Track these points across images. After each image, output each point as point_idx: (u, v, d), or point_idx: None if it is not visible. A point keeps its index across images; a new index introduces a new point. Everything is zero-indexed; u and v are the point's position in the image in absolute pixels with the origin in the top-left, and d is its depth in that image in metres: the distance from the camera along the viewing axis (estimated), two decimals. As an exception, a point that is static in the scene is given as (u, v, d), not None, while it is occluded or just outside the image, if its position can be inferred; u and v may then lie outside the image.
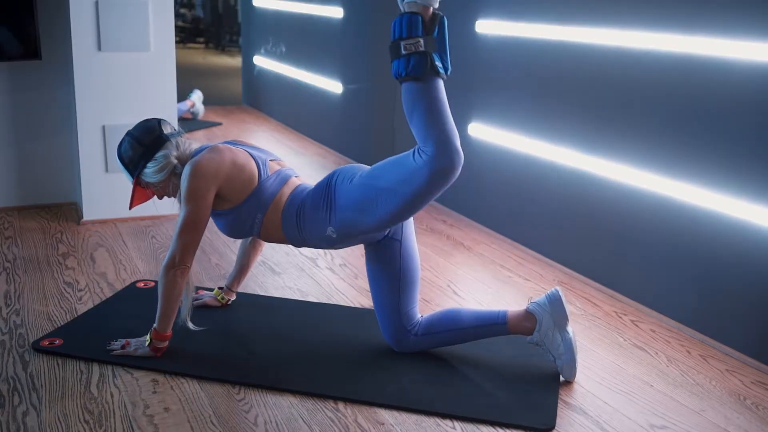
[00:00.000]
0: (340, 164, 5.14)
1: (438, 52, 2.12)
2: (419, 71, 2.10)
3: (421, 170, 2.13)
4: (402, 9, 2.13)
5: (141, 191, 2.49)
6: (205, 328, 2.56)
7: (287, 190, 2.44)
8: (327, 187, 2.35)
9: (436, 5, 2.12)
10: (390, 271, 2.41)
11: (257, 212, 2.40)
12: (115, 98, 3.72)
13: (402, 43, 2.10)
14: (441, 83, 2.15)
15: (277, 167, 2.50)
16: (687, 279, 2.74)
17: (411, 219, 2.46)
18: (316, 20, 5.64)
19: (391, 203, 2.20)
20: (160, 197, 2.51)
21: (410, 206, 2.20)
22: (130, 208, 2.48)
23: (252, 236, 2.48)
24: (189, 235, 2.32)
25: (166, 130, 2.45)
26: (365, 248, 2.47)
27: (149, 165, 2.41)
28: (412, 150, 2.18)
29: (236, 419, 2.11)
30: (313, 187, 2.43)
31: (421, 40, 2.10)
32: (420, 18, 2.09)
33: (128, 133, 2.46)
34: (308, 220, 2.36)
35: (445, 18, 2.14)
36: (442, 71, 2.13)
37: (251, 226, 2.43)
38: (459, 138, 2.16)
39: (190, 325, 2.47)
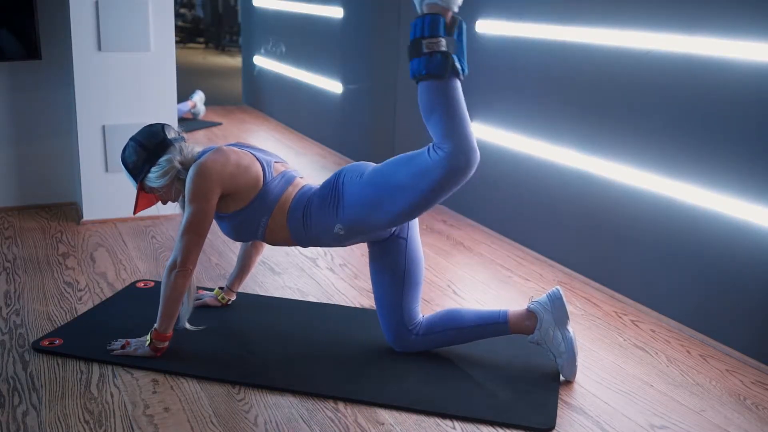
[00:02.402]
0: (340, 164, 5.14)
1: (457, 54, 2.15)
2: (441, 70, 2.12)
3: (437, 167, 2.15)
4: (420, 10, 2.16)
5: (145, 196, 2.49)
6: (204, 328, 2.56)
7: (293, 191, 2.44)
8: (335, 184, 2.35)
9: (456, 9, 2.14)
10: (394, 270, 2.41)
11: (262, 215, 2.40)
12: (115, 98, 3.72)
13: (424, 42, 2.12)
14: (459, 84, 2.17)
15: (282, 169, 2.50)
16: (687, 279, 2.74)
17: (416, 219, 2.46)
18: (316, 20, 5.64)
19: (404, 199, 2.21)
20: (164, 202, 2.51)
21: (422, 203, 2.22)
22: (135, 213, 2.49)
23: (256, 239, 2.48)
24: (192, 236, 2.32)
25: (170, 134, 2.45)
26: (369, 246, 2.47)
27: (153, 170, 2.41)
28: (426, 147, 2.20)
29: (236, 419, 2.11)
30: (319, 186, 2.43)
31: (443, 40, 2.13)
32: (442, 18, 2.13)
33: (132, 138, 2.46)
34: (315, 218, 2.36)
35: (464, 22, 2.18)
36: (461, 71, 2.15)
37: (256, 229, 2.42)
38: (474, 142, 2.19)
39: (189, 327, 2.47)
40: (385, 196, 2.23)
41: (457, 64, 2.14)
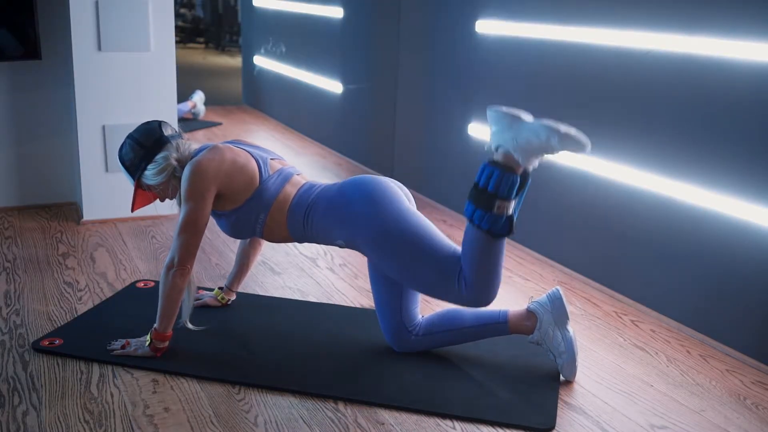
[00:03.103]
0: (340, 164, 5.15)
1: (515, 209, 2.21)
2: (503, 233, 2.18)
3: (452, 293, 2.26)
4: (494, 154, 2.17)
5: (142, 194, 2.49)
6: (205, 328, 2.56)
7: (292, 189, 2.44)
8: (345, 206, 2.33)
9: (531, 169, 2.17)
10: None
11: (260, 211, 2.40)
12: (115, 98, 3.72)
13: (497, 201, 2.14)
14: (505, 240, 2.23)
15: (279, 166, 2.50)
16: (687, 279, 2.74)
17: None
18: (316, 20, 5.64)
19: (406, 277, 2.30)
20: (162, 200, 2.51)
21: (419, 290, 2.36)
22: (132, 211, 2.48)
23: (255, 236, 2.48)
24: (188, 235, 2.32)
25: (167, 132, 2.45)
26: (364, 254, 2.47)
27: (149, 167, 2.41)
28: (457, 270, 2.23)
29: (236, 419, 2.11)
30: (324, 189, 2.42)
31: (513, 203, 2.17)
32: (518, 179, 2.15)
33: (129, 136, 2.46)
34: (318, 223, 2.36)
35: (530, 179, 2.20)
36: (513, 230, 2.20)
37: (254, 226, 2.43)
38: (498, 287, 2.27)
39: (190, 326, 2.47)
40: (396, 262, 2.29)
41: (515, 224, 2.19)
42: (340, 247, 2.40)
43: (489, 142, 2.21)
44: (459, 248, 2.26)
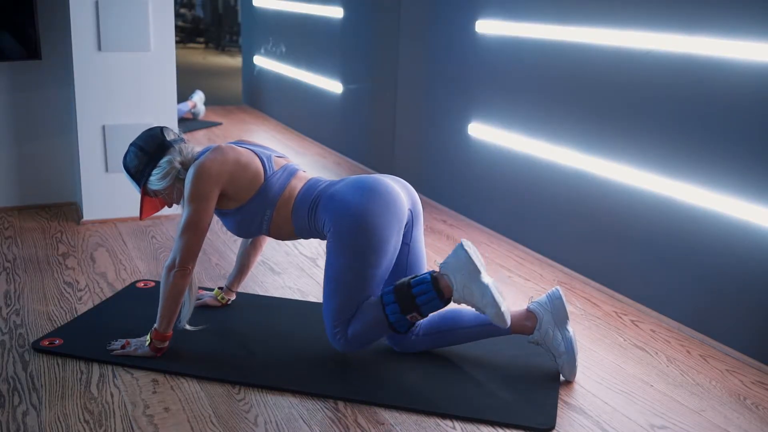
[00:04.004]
0: (340, 164, 5.15)
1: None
2: (402, 331, 2.35)
3: (331, 329, 2.38)
4: (438, 274, 2.29)
5: (150, 201, 2.50)
6: (204, 328, 2.56)
7: (298, 183, 2.44)
8: (341, 204, 2.33)
9: (455, 303, 2.31)
10: (396, 273, 2.41)
11: (266, 208, 2.40)
12: (115, 98, 3.72)
13: (414, 313, 2.29)
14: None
15: (284, 162, 2.50)
16: (687, 279, 2.74)
17: (420, 221, 2.46)
18: (316, 20, 5.64)
19: (325, 288, 2.38)
20: (170, 205, 2.52)
21: (324, 304, 2.42)
22: (141, 219, 2.50)
23: (261, 234, 2.49)
24: (190, 235, 2.32)
25: (169, 136, 2.46)
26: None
27: (154, 172, 2.42)
28: (346, 322, 2.35)
29: (236, 419, 2.11)
30: (330, 183, 2.42)
31: (422, 318, 2.33)
32: (442, 306, 2.31)
33: (132, 144, 2.47)
34: (320, 219, 2.38)
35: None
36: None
37: (260, 224, 2.43)
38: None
39: (188, 327, 2.47)
40: (328, 270, 2.36)
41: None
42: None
43: (442, 263, 2.34)
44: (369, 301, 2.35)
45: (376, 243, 2.28)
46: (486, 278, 2.27)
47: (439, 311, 2.47)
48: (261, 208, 2.41)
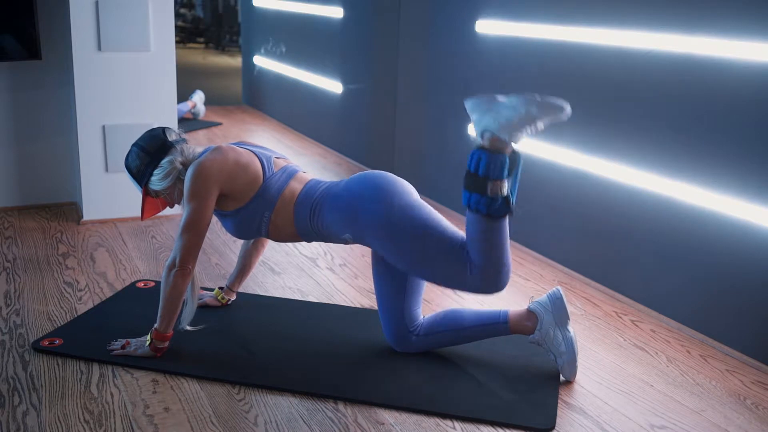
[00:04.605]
0: (340, 164, 5.15)
1: (512, 189, 2.21)
2: (501, 213, 2.19)
3: (469, 283, 2.26)
4: (480, 140, 2.18)
5: (151, 201, 2.50)
6: (204, 328, 2.56)
7: (297, 185, 2.44)
8: (352, 201, 2.33)
9: (518, 143, 2.16)
10: (396, 273, 2.41)
11: (265, 210, 2.40)
12: (115, 98, 3.72)
13: (489, 183, 2.15)
14: (508, 220, 2.23)
15: (283, 164, 2.51)
16: (687, 279, 2.74)
17: None
18: (316, 20, 5.64)
19: (419, 270, 2.31)
20: (171, 206, 2.52)
21: (433, 281, 2.34)
22: (143, 219, 2.50)
23: (260, 236, 2.49)
24: (190, 235, 2.32)
25: (171, 137, 2.47)
26: (372, 249, 2.47)
27: (155, 172, 2.43)
28: (463, 262, 2.24)
29: (236, 419, 2.11)
30: (331, 185, 2.42)
31: (506, 183, 2.17)
32: (507, 159, 2.15)
33: (134, 144, 2.48)
34: (324, 219, 2.36)
35: (521, 157, 2.21)
36: (513, 209, 2.20)
37: (259, 225, 2.43)
38: (510, 270, 2.28)
39: (188, 327, 2.47)
40: (407, 254, 2.29)
41: (513, 203, 2.19)
42: (347, 242, 2.39)
43: (474, 133, 2.23)
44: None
45: (408, 209, 2.29)
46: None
47: (439, 313, 2.48)
48: (260, 210, 2.41)
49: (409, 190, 2.38)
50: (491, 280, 2.25)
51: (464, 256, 2.25)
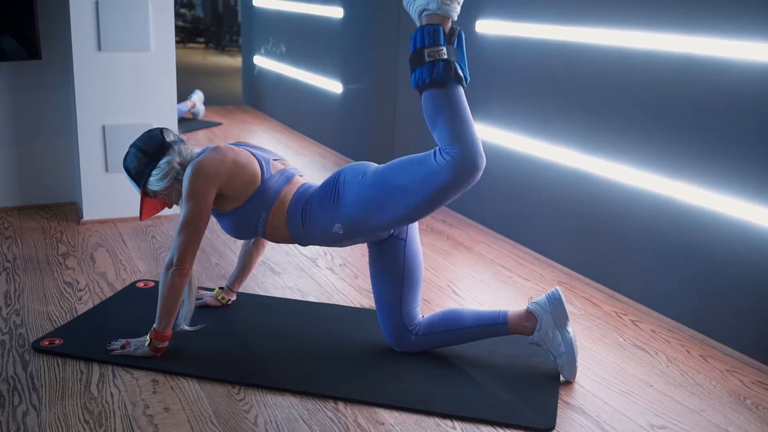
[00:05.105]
0: (340, 164, 5.15)
1: (458, 61, 2.18)
2: (445, 77, 2.14)
3: (444, 171, 2.16)
4: (419, 23, 2.19)
5: (150, 202, 2.51)
6: (204, 328, 2.56)
7: (292, 189, 2.44)
8: (335, 183, 2.35)
9: (455, 17, 2.17)
10: (393, 271, 2.41)
11: (261, 211, 2.40)
12: (115, 98, 3.72)
13: (426, 51, 2.14)
14: (462, 90, 2.19)
15: (281, 166, 2.51)
16: (687, 279, 2.74)
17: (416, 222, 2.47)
18: (316, 20, 5.64)
19: (406, 202, 2.22)
20: (170, 206, 2.53)
21: (425, 207, 2.22)
22: (141, 219, 2.50)
23: (257, 237, 2.49)
24: (188, 234, 2.32)
25: (169, 137, 2.47)
26: (369, 247, 2.47)
27: (153, 173, 2.43)
28: (432, 151, 2.21)
29: (236, 419, 2.11)
30: (319, 185, 2.43)
31: (444, 49, 2.15)
32: (441, 28, 2.15)
33: (132, 145, 2.49)
34: (314, 217, 2.36)
35: (462, 31, 2.21)
36: (464, 79, 2.18)
37: (256, 226, 2.43)
38: (480, 146, 2.19)
39: (187, 328, 2.47)
40: (387, 198, 2.24)
41: (460, 71, 2.17)
42: (338, 242, 2.38)
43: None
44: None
45: (384, 165, 2.32)
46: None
47: (438, 312, 2.48)
48: (257, 211, 2.41)
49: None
50: (464, 159, 2.14)
51: (430, 155, 2.20)
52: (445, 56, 2.15)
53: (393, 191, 2.23)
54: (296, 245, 3.52)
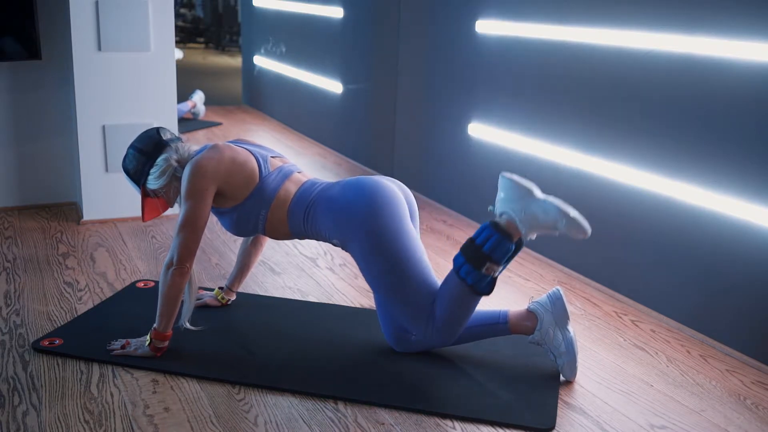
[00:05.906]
0: (340, 164, 5.15)
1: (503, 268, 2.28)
2: (484, 291, 2.27)
3: (419, 326, 2.34)
4: (497, 218, 2.25)
5: (151, 202, 2.51)
6: (204, 328, 2.56)
7: (292, 186, 2.44)
8: (345, 210, 2.33)
9: (528, 239, 2.22)
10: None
11: (260, 208, 2.41)
12: (115, 98, 3.72)
13: (487, 263, 2.22)
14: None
15: (279, 164, 2.51)
16: (687, 279, 2.74)
17: (417, 221, 2.47)
18: (316, 20, 5.64)
19: (382, 296, 2.35)
20: (171, 205, 2.53)
21: (389, 311, 2.40)
22: (144, 221, 2.51)
23: (257, 233, 2.50)
24: (187, 233, 2.32)
25: (165, 136, 2.48)
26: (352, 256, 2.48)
27: (151, 171, 2.44)
28: (427, 314, 2.31)
29: (236, 419, 2.11)
30: (325, 188, 2.42)
31: (501, 268, 2.26)
32: (513, 248, 2.22)
33: (130, 146, 2.50)
34: (317, 222, 2.38)
35: (522, 247, 2.28)
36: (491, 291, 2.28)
37: (256, 223, 2.43)
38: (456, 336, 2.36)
39: (189, 327, 2.48)
40: (377, 280, 2.33)
41: (494, 284, 2.27)
42: (336, 246, 2.42)
43: (494, 206, 2.29)
44: (438, 285, 2.33)
45: (396, 236, 2.30)
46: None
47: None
48: (256, 208, 2.41)
49: (403, 210, 2.36)
50: (441, 339, 2.35)
51: (427, 306, 2.31)
52: (497, 275, 2.25)
53: (386, 285, 2.32)
54: (296, 244, 3.52)
